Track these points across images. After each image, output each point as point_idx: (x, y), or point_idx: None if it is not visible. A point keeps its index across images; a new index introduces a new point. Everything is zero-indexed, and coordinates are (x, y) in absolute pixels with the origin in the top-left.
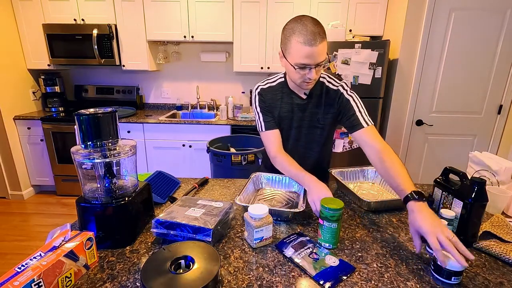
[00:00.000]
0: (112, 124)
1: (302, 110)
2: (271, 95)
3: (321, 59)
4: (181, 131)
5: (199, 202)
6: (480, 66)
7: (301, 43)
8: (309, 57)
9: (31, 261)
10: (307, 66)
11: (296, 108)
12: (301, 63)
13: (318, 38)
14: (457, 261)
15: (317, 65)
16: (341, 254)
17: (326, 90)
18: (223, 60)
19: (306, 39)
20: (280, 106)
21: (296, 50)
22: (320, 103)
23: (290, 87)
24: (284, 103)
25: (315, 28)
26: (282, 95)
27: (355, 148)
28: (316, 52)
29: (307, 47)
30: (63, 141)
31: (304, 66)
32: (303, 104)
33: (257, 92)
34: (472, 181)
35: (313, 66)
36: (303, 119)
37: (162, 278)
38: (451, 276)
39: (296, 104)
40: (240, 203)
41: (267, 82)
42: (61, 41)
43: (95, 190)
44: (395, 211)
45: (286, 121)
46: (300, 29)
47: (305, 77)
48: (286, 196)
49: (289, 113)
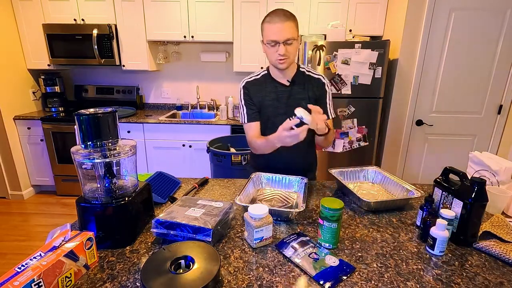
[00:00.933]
0: (112, 124)
1: (287, 97)
2: (255, 87)
3: (287, 35)
4: (181, 131)
5: (199, 202)
6: (480, 66)
7: (268, 22)
8: (275, 34)
9: (31, 261)
10: (276, 42)
11: (280, 95)
12: (270, 39)
13: (282, 17)
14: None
15: (285, 42)
16: (341, 254)
17: (308, 77)
18: (223, 60)
19: (272, 19)
20: (264, 95)
21: (266, 29)
22: (304, 88)
23: (273, 76)
24: (268, 92)
25: (282, 12)
26: (266, 85)
27: (355, 148)
28: (281, 28)
29: (272, 25)
30: (63, 141)
31: (274, 42)
32: (287, 90)
33: (242, 86)
34: (472, 181)
35: (281, 42)
36: (289, 105)
37: (162, 278)
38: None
39: (280, 91)
40: (240, 203)
41: (252, 76)
42: (61, 41)
43: (95, 190)
44: (395, 211)
45: (271, 109)
46: (270, 14)
47: (277, 54)
48: (286, 196)
49: (273, 101)
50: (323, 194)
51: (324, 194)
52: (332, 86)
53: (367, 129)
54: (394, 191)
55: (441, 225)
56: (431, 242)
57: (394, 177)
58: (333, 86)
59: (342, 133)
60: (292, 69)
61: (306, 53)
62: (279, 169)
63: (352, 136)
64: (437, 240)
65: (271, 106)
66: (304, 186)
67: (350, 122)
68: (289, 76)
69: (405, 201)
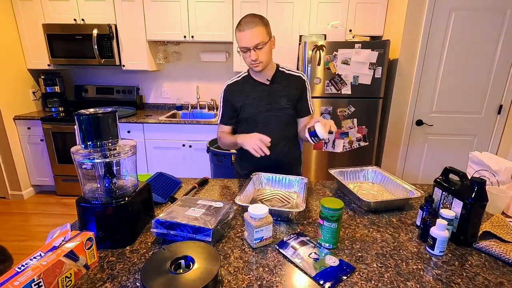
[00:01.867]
0: (112, 124)
1: (267, 95)
2: (235, 88)
3: (256, 41)
4: (181, 131)
5: (199, 202)
6: (480, 66)
7: (238, 30)
8: (243, 41)
9: (31, 261)
10: (247, 49)
11: (261, 93)
12: (241, 46)
13: (250, 24)
14: (320, 124)
15: (255, 47)
16: (341, 254)
17: (288, 76)
18: (223, 60)
19: (241, 27)
20: (244, 96)
21: (237, 37)
22: (284, 85)
23: (253, 76)
24: (248, 92)
25: (250, 19)
26: (246, 86)
27: (355, 148)
28: (250, 35)
29: (241, 33)
30: (63, 141)
31: (245, 49)
32: (267, 89)
33: (224, 89)
34: (472, 181)
35: (251, 48)
36: (270, 102)
37: (162, 278)
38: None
39: (261, 90)
40: (240, 203)
41: (233, 79)
42: (61, 41)
43: (95, 190)
44: (395, 211)
45: (252, 107)
46: (240, 22)
47: (250, 59)
48: (286, 196)
49: (255, 100)
50: (323, 194)
51: (324, 194)
52: (332, 86)
53: (367, 129)
54: (394, 191)
55: (441, 225)
56: (431, 242)
57: (394, 177)
58: (333, 86)
59: (342, 133)
60: (271, 69)
61: (306, 53)
62: (265, 169)
63: (352, 136)
64: (437, 240)
65: (252, 105)
66: (304, 186)
67: (350, 122)
68: (268, 76)
69: (405, 201)
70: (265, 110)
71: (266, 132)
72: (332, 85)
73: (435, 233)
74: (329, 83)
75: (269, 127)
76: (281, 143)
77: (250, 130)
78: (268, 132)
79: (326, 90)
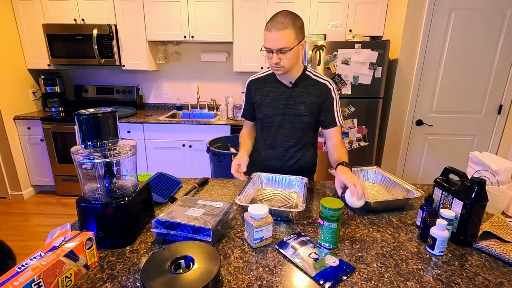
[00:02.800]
0: (112, 124)
1: (287, 98)
2: (257, 85)
3: (280, 45)
4: (181, 131)
5: (199, 202)
6: (480, 66)
7: (267, 29)
8: (268, 42)
9: (31, 261)
10: (271, 51)
11: (280, 95)
12: (265, 46)
13: (278, 26)
14: (356, 194)
15: (278, 51)
16: (341, 254)
17: (314, 82)
18: (223, 60)
19: (269, 26)
20: (264, 94)
21: (264, 35)
22: (306, 92)
23: (277, 76)
24: (268, 91)
25: (281, 18)
26: (268, 84)
27: (355, 148)
28: (274, 38)
29: (267, 33)
30: (63, 141)
31: (268, 50)
32: (287, 91)
33: (247, 84)
34: (472, 181)
35: (274, 51)
36: (288, 106)
37: (162, 278)
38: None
39: (282, 91)
40: (240, 203)
41: (257, 75)
42: (61, 41)
43: (95, 190)
44: (395, 211)
45: (269, 108)
46: (270, 19)
47: (271, 61)
48: (286, 196)
49: (272, 101)
50: (323, 194)
51: (324, 194)
52: None
53: (367, 129)
54: (394, 191)
55: (441, 225)
56: (431, 242)
57: (394, 177)
58: None
59: (342, 133)
60: (296, 71)
61: (306, 53)
62: (275, 170)
63: (352, 136)
64: (437, 240)
65: (270, 106)
66: (304, 186)
67: (350, 122)
68: (292, 78)
69: (405, 201)
70: (282, 113)
71: (279, 136)
72: None
73: (435, 233)
74: (336, 89)
75: (282, 131)
76: (291, 150)
77: (264, 130)
78: (281, 136)
79: None
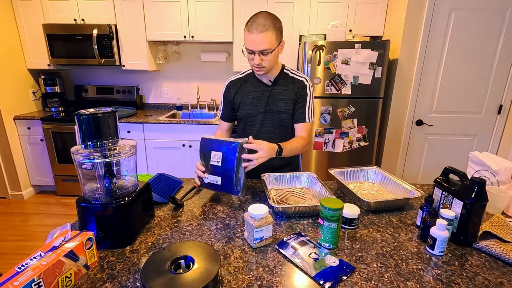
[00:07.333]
0: (112, 124)
1: (268, 96)
2: (237, 85)
3: (261, 47)
4: (181, 131)
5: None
6: (480, 66)
7: (247, 30)
8: (250, 43)
9: (31, 261)
10: (251, 52)
11: (261, 94)
12: (246, 48)
13: (260, 28)
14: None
15: (260, 52)
16: (341, 254)
17: (292, 79)
18: (223, 60)
19: (250, 28)
20: (246, 93)
21: (245, 36)
22: (285, 89)
23: (257, 75)
24: (249, 90)
25: (262, 20)
26: (248, 84)
27: (355, 148)
28: (256, 40)
29: (248, 34)
30: (63, 141)
31: (249, 51)
32: (268, 90)
33: (226, 85)
34: (472, 181)
35: (256, 52)
36: (269, 104)
37: (162, 278)
38: None
39: (262, 90)
40: (275, 205)
41: (236, 76)
42: (61, 41)
43: (95, 190)
44: (395, 211)
45: (252, 107)
46: (250, 20)
47: (253, 62)
48: (301, 193)
49: (254, 100)
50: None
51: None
52: (332, 86)
53: (367, 129)
54: (394, 191)
55: (441, 225)
56: (431, 242)
57: (394, 177)
58: (333, 86)
59: (342, 133)
60: (275, 70)
61: (306, 53)
62: (260, 170)
63: (352, 136)
64: (437, 240)
65: (251, 104)
66: (315, 179)
67: (350, 122)
68: (271, 77)
69: (405, 201)
70: (263, 111)
71: (262, 133)
72: (332, 85)
73: (435, 233)
74: (329, 83)
75: (265, 129)
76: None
77: (247, 129)
78: (264, 134)
79: (326, 90)
